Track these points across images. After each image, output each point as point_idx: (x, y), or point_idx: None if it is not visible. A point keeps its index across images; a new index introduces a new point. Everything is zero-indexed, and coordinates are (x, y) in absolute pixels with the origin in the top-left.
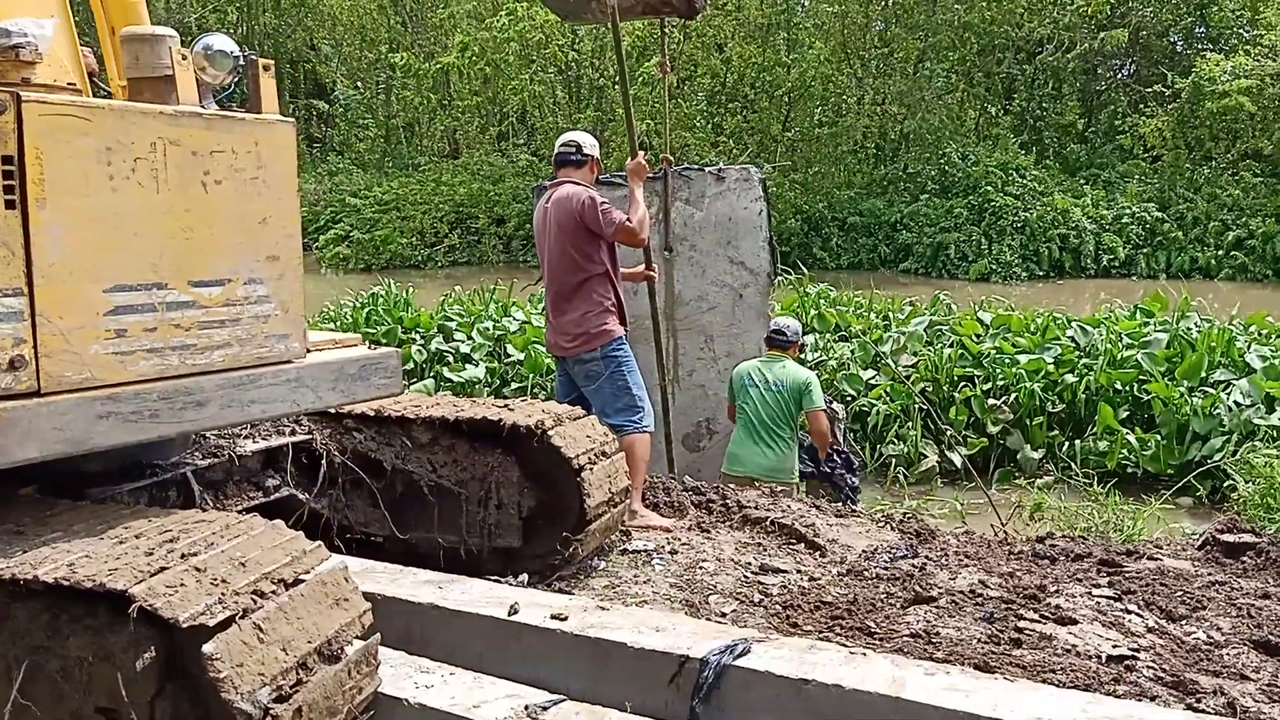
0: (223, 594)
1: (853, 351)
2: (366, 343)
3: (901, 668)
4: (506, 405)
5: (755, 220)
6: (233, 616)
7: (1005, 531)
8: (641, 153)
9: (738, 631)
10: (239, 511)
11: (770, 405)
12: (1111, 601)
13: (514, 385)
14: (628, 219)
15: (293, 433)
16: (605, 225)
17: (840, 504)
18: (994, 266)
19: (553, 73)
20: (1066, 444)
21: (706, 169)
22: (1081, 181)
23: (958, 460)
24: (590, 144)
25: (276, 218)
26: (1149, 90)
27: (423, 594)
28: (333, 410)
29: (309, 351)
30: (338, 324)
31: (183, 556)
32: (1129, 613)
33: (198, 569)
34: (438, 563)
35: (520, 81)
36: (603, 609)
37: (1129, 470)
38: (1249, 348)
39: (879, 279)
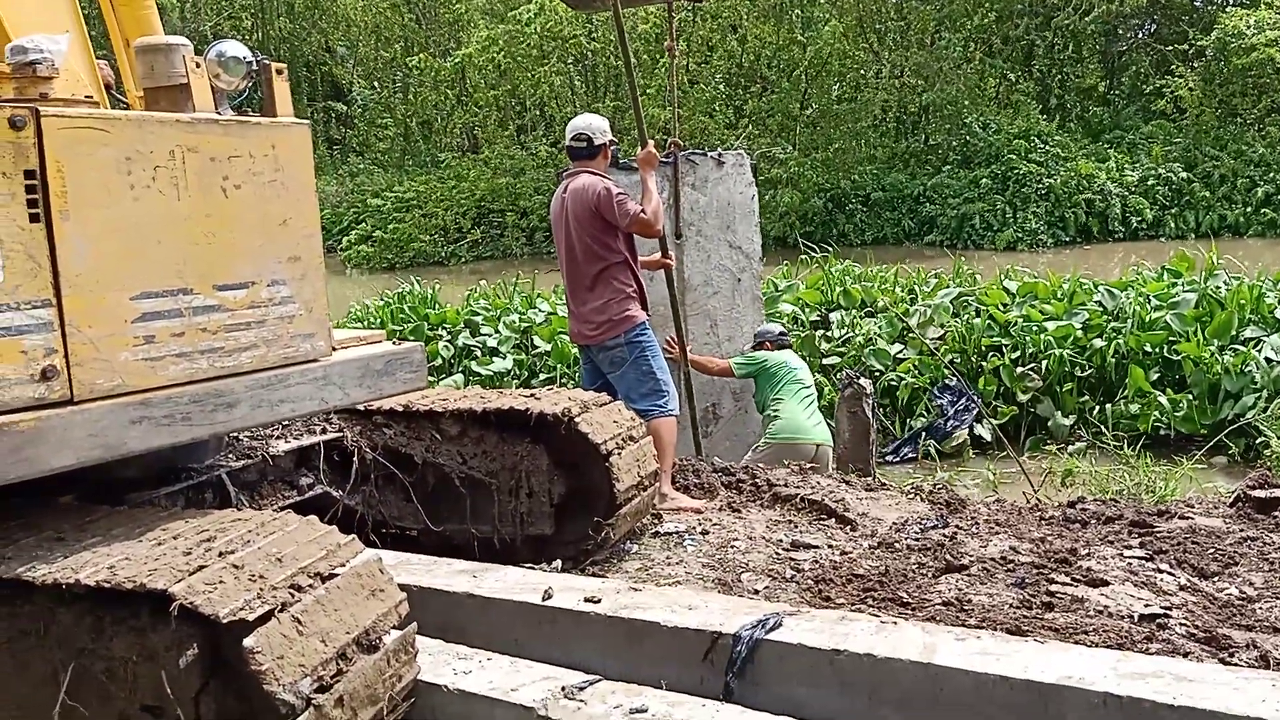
0: (261, 589)
1: (879, 326)
2: (391, 338)
3: (932, 634)
4: (533, 395)
5: (749, 204)
6: (272, 610)
7: (1037, 498)
8: (651, 141)
9: (769, 606)
10: (274, 510)
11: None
12: (1143, 562)
13: (542, 376)
14: (642, 210)
15: (324, 431)
16: (620, 216)
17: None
18: (1020, 235)
19: (570, 63)
20: (1097, 409)
21: (709, 154)
22: (1105, 145)
23: (986, 433)
24: (600, 131)
25: (296, 219)
26: (1170, 49)
27: (458, 583)
28: (362, 407)
29: (335, 349)
30: (365, 324)
31: (220, 555)
32: (1160, 572)
33: (236, 566)
34: (472, 553)
35: (539, 74)
36: (635, 590)
37: (1161, 432)
38: (1279, 303)
39: (904, 253)
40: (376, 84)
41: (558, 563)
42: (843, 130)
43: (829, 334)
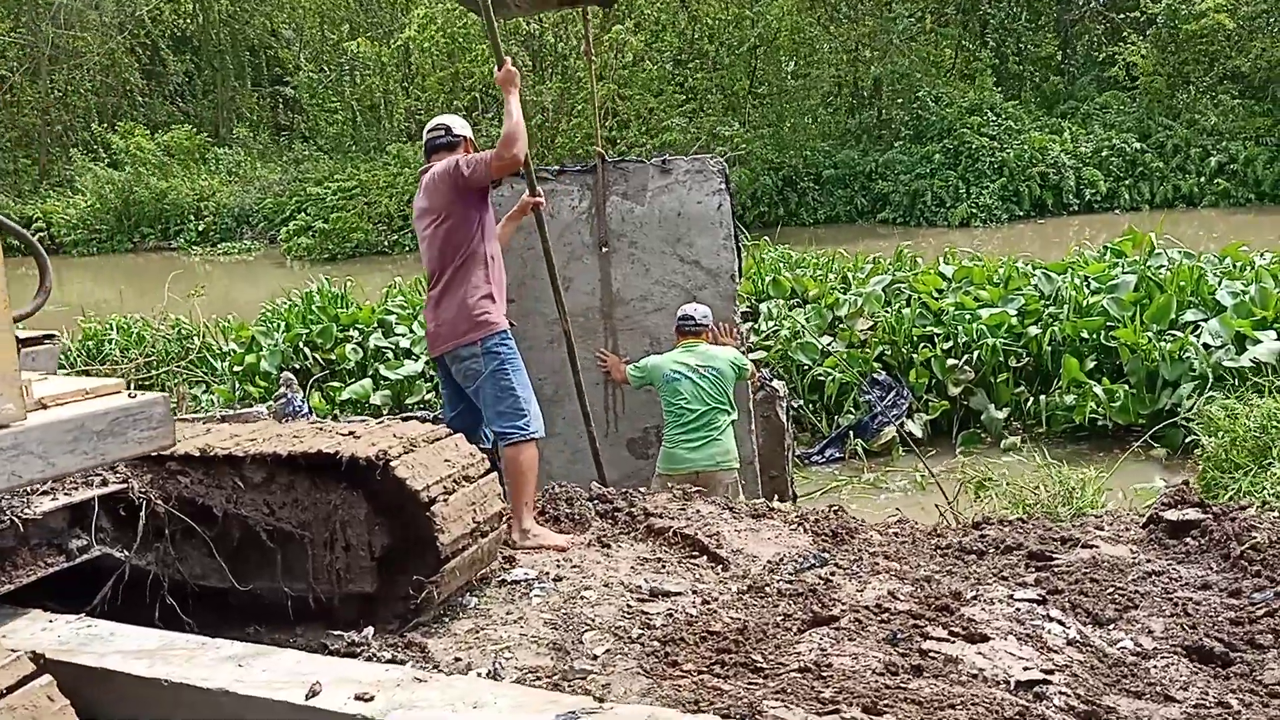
0: None
1: (807, 319)
2: (126, 390)
3: None
4: (352, 433)
5: (712, 216)
6: None
7: (954, 512)
8: (507, 60)
9: (570, 701)
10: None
11: (706, 391)
12: (1034, 606)
13: None
14: (495, 152)
15: (103, 482)
16: (478, 165)
17: None
18: (974, 210)
19: (515, 43)
20: (1032, 400)
21: (650, 161)
22: (1059, 116)
23: (918, 429)
24: (461, 125)
25: None
26: (1122, 17)
27: (218, 676)
28: (154, 453)
29: (40, 408)
30: (272, 326)
31: None
32: (1050, 620)
33: None
34: (286, 614)
35: (483, 54)
36: (419, 681)
37: (1099, 423)
38: (1220, 284)
39: (858, 231)
40: (325, 67)
41: (369, 630)
42: (793, 107)
43: (757, 327)
